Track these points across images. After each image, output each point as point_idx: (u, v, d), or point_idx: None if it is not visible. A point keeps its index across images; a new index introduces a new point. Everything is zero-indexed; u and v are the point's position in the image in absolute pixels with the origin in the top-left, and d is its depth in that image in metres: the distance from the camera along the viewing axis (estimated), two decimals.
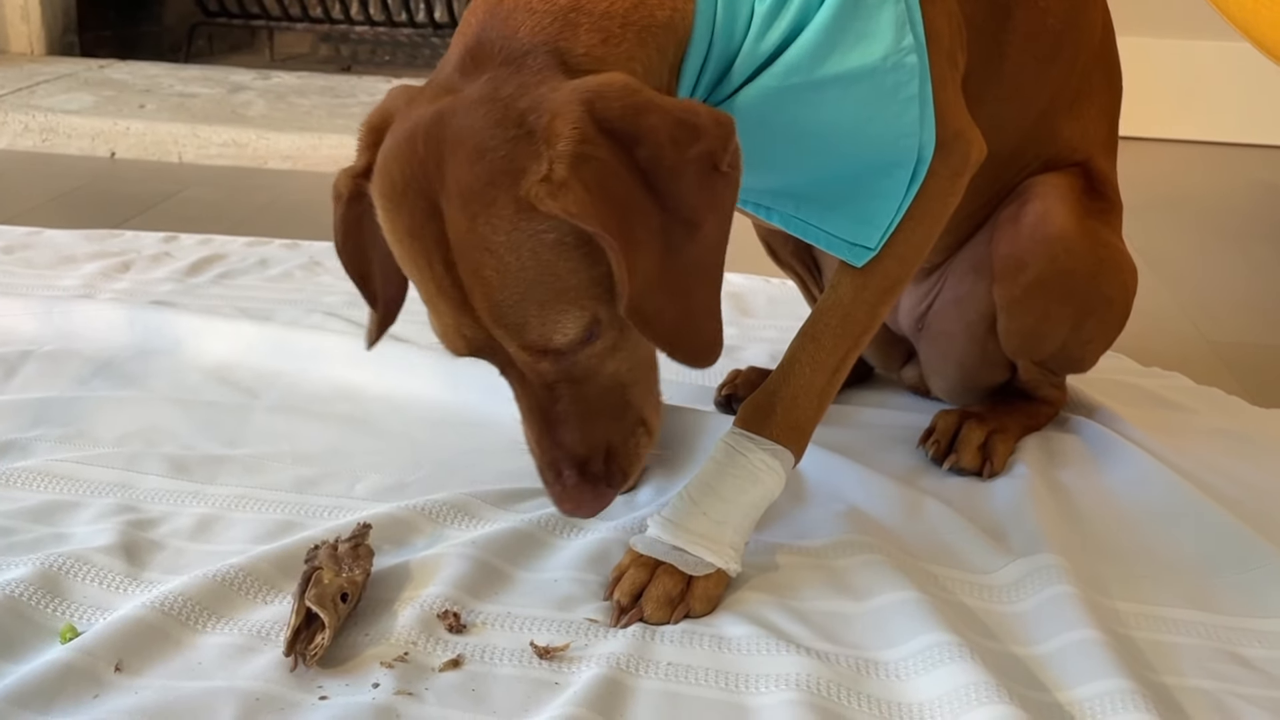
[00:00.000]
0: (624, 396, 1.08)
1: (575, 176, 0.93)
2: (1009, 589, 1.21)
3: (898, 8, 1.12)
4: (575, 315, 0.99)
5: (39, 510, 1.29)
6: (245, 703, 1.01)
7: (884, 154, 1.16)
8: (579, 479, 1.06)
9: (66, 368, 1.66)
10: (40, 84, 3.41)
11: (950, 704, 1.02)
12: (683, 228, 1.00)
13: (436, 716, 1.01)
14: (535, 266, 0.96)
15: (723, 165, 1.00)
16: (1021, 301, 1.41)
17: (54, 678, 1.01)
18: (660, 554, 1.17)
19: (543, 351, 1.01)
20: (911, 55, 1.12)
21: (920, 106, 1.14)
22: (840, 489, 1.39)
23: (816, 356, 1.22)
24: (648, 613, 1.15)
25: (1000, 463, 1.45)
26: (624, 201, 0.96)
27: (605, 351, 1.05)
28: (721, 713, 1.03)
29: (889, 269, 1.21)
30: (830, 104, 1.12)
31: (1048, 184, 1.41)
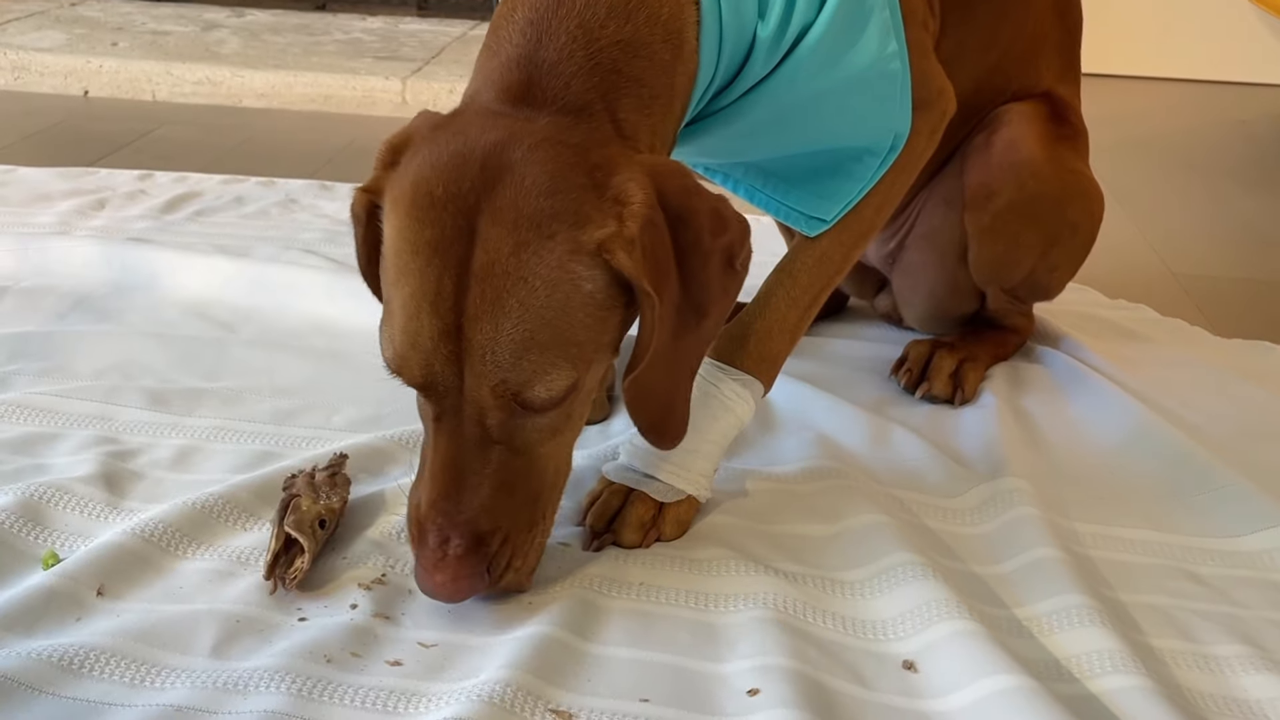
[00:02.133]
0: (541, 487, 1.05)
1: (642, 239, 0.96)
2: (972, 512, 1.25)
3: (883, 15, 1.15)
4: (566, 372, 0.98)
5: (18, 442, 1.30)
6: (226, 624, 1.03)
7: (860, 143, 1.21)
8: (465, 553, 1.01)
9: (44, 303, 1.67)
10: (10, 21, 3.38)
11: (911, 620, 1.06)
12: (694, 313, 1.04)
13: (412, 638, 1.03)
14: (559, 310, 0.96)
15: (737, 263, 1.05)
16: (991, 228, 1.44)
17: (37, 601, 1.03)
18: (632, 481, 1.19)
19: (512, 399, 0.98)
20: (895, 62, 1.17)
21: (899, 105, 1.19)
22: (810, 417, 1.41)
23: (792, 293, 1.25)
24: (620, 537, 1.17)
25: (971, 390, 1.48)
26: (666, 274, 1.00)
27: (553, 429, 1.03)
28: (691, 630, 1.06)
29: (865, 215, 1.25)
30: (819, 108, 1.17)
31: (1015, 112, 1.44)
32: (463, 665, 1.00)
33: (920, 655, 1.03)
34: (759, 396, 1.24)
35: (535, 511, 1.05)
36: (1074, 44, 1.53)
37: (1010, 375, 1.54)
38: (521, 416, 1.00)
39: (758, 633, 1.04)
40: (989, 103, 1.47)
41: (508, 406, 0.99)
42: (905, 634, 1.05)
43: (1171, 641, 1.07)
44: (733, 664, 1.01)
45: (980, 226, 1.45)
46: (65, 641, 0.99)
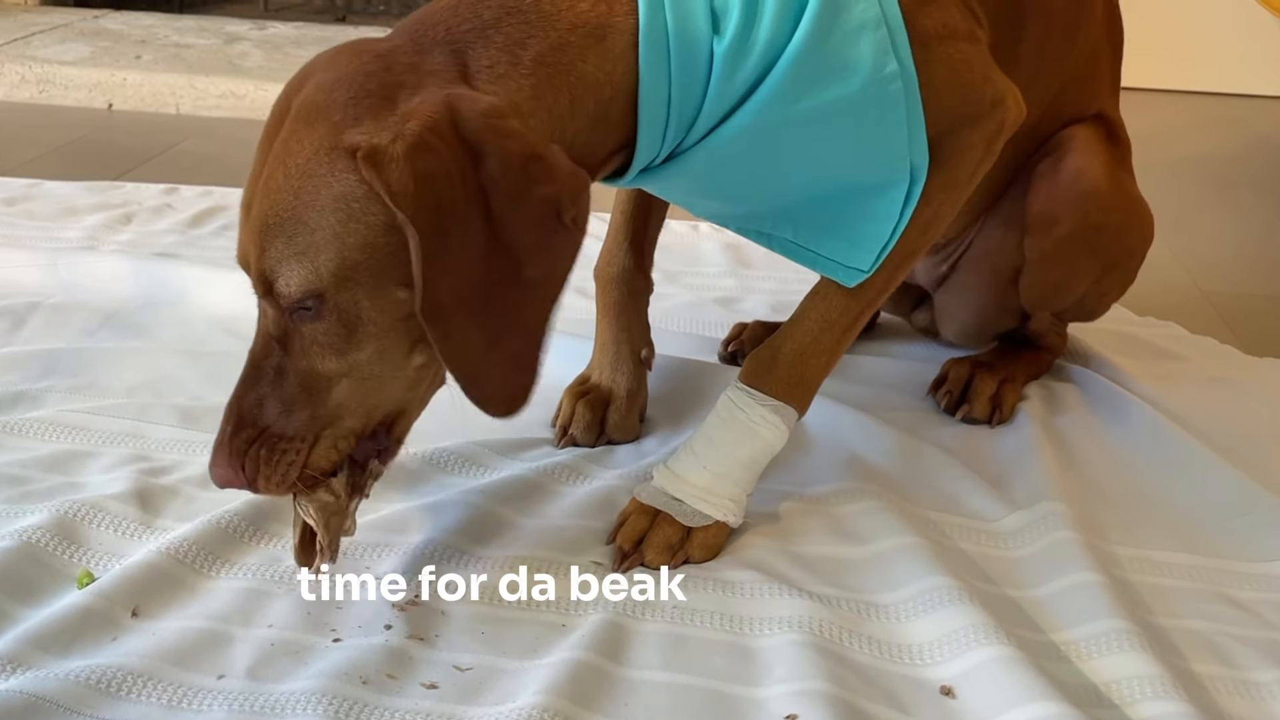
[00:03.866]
0: (312, 405, 1.04)
1: (409, 160, 0.94)
2: (1010, 535, 1.24)
3: (878, 34, 1.10)
4: (306, 273, 0.98)
5: (52, 460, 1.31)
6: (261, 646, 1.03)
7: (876, 176, 1.16)
8: (226, 438, 1.03)
9: (74, 319, 1.67)
10: (35, 34, 3.40)
11: (949, 644, 1.05)
12: (510, 263, 1.00)
13: (447, 660, 1.03)
14: (304, 203, 0.98)
15: (566, 218, 1.01)
16: (1052, 256, 1.44)
17: (73, 621, 1.03)
18: (660, 504, 1.19)
19: (267, 289, 1.01)
20: (896, 83, 1.11)
21: (910, 129, 1.14)
22: (842, 437, 1.41)
23: (827, 315, 1.22)
24: (648, 558, 1.17)
25: (1009, 411, 1.48)
26: (448, 206, 0.96)
27: (330, 344, 1.02)
28: (726, 654, 1.05)
29: (910, 237, 1.20)
30: (814, 135, 1.12)
31: (1079, 138, 1.43)
32: (498, 689, 1.00)
33: (959, 681, 1.02)
34: (791, 421, 1.23)
35: (297, 425, 1.03)
36: (1118, 58, 1.52)
37: (1043, 394, 1.54)
38: (295, 320, 1.01)
39: (793, 657, 1.03)
40: (1053, 124, 1.45)
41: (268, 296, 1.01)
42: (943, 659, 1.05)
43: (1211, 667, 1.06)
44: (769, 688, 1.01)
45: (1040, 253, 1.44)
46: (102, 663, 0.99)
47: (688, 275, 1.98)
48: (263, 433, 1.03)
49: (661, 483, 1.20)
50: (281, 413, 1.03)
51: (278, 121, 1.02)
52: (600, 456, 1.37)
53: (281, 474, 1.04)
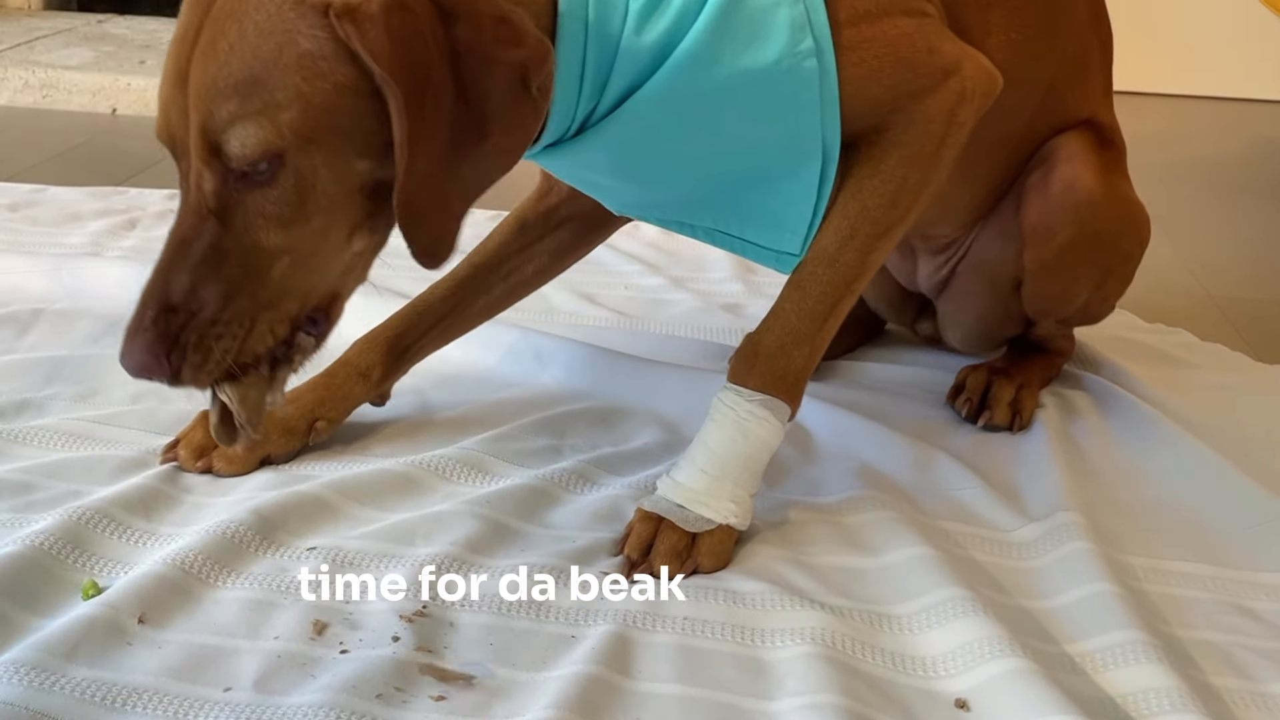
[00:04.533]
0: (250, 283, 0.99)
1: (385, 19, 0.93)
2: (1023, 545, 1.23)
3: (794, 9, 1.09)
4: (265, 130, 0.95)
5: (56, 467, 1.29)
6: (267, 659, 1.02)
7: (787, 156, 1.15)
8: (148, 324, 0.97)
9: (78, 326, 1.66)
10: (39, 39, 3.39)
11: (962, 656, 1.04)
12: (474, 129, 0.99)
13: (455, 673, 1.02)
14: (267, 60, 0.94)
15: (532, 86, 0.99)
16: (1051, 266, 1.43)
17: (79, 631, 1.02)
18: (663, 511, 1.18)
19: (213, 152, 0.96)
20: (810, 60, 1.10)
21: (823, 108, 1.12)
22: (853, 446, 1.40)
23: (802, 305, 1.19)
24: (656, 566, 1.15)
25: (1028, 417, 1.47)
26: (424, 68, 0.95)
27: (278, 215, 0.98)
28: (738, 666, 1.04)
29: (875, 215, 1.17)
30: (727, 107, 1.11)
31: (1069, 147, 1.42)
32: (507, 703, 0.99)
33: (973, 694, 1.01)
34: (784, 416, 1.20)
35: (232, 308, 0.99)
36: (1108, 61, 1.52)
37: (1054, 402, 1.53)
38: (239, 190, 0.97)
39: (806, 669, 1.02)
40: (1046, 128, 1.44)
41: (214, 164, 0.96)
42: (956, 671, 1.04)
43: (1228, 679, 1.05)
44: (782, 701, 1.00)
45: (1039, 265, 1.43)
46: (107, 676, 0.98)
47: (695, 281, 1.97)
48: (192, 318, 0.98)
49: (664, 491, 1.19)
50: (217, 296, 0.98)
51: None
52: (609, 464, 1.35)
53: (215, 363, 0.99)
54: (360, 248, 1.05)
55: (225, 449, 1.26)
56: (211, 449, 1.29)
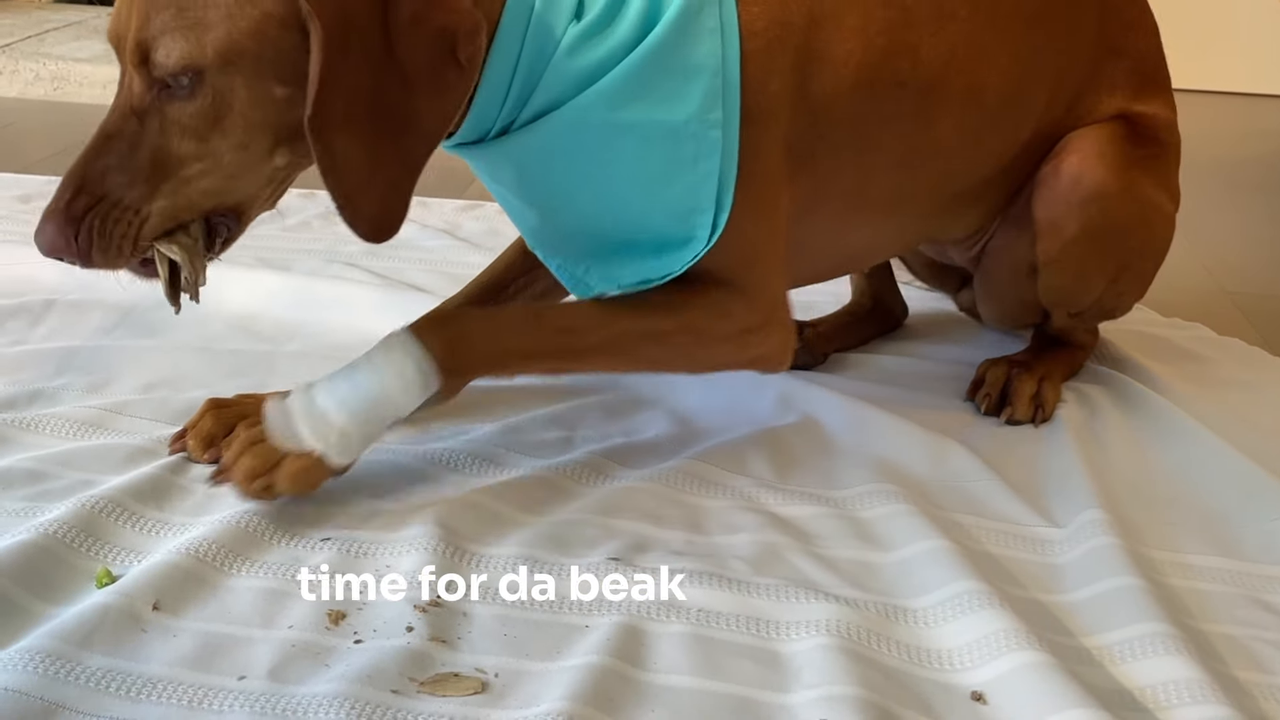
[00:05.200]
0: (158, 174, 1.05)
1: None
2: (1043, 540, 1.22)
3: (713, 81, 1.12)
4: (190, 46, 1.02)
5: (68, 456, 1.29)
6: (281, 648, 1.02)
7: (675, 227, 1.17)
8: (62, 205, 1.04)
9: (90, 317, 1.66)
10: (49, 31, 3.39)
11: (979, 649, 1.03)
12: (399, 85, 1.03)
13: (470, 663, 1.01)
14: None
15: (461, 55, 1.04)
16: (1059, 260, 1.43)
17: (94, 619, 1.01)
18: (270, 412, 1.15)
19: (142, 58, 1.03)
20: (715, 130, 1.13)
21: (720, 189, 1.14)
22: (869, 439, 1.39)
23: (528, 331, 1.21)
24: (233, 475, 1.15)
25: (1050, 410, 1.46)
26: (352, 13, 1.01)
27: (193, 128, 1.04)
28: (753, 658, 1.04)
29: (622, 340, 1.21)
30: (629, 152, 1.14)
31: (1083, 140, 1.41)
32: (520, 693, 0.98)
33: (990, 686, 1.00)
34: (426, 391, 1.16)
35: (132, 195, 1.05)
36: (1152, 58, 1.49)
37: (1073, 396, 1.51)
38: (161, 98, 1.04)
39: (823, 661, 1.01)
40: (1059, 130, 1.43)
41: (142, 71, 1.03)
42: (973, 664, 1.03)
43: (1251, 673, 1.04)
44: (799, 694, 0.99)
45: (1049, 257, 1.43)
46: (122, 666, 0.98)
47: None
48: (100, 200, 1.04)
49: (292, 397, 1.16)
50: (124, 183, 1.05)
51: None
52: (620, 455, 1.35)
53: (116, 245, 1.06)
54: (280, 164, 1.10)
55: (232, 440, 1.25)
56: (220, 439, 1.29)
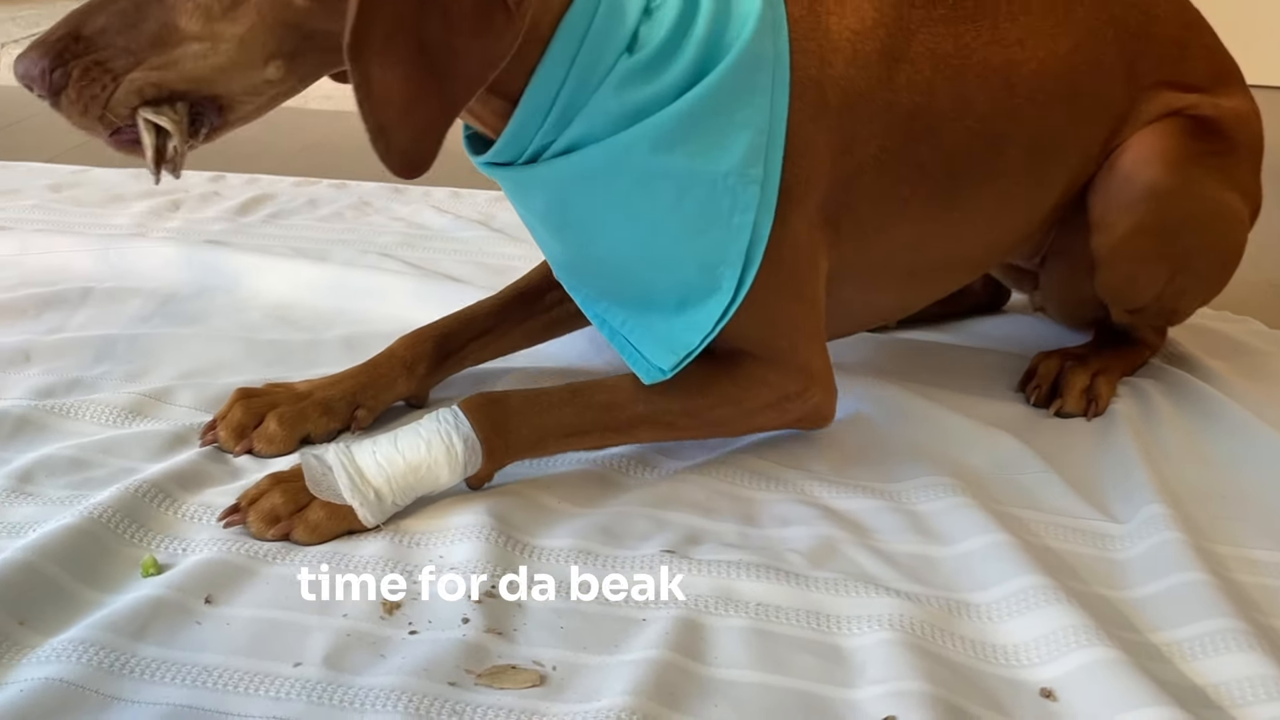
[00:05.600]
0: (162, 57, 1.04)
1: None
2: (1108, 537, 1.20)
3: (758, 137, 1.13)
4: None
5: (110, 443, 1.28)
6: (337, 636, 1.00)
7: (703, 277, 1.17)
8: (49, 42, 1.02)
9: (127, 305, 1.65)
10: None
11: (1046, 645, 1.01)
12: (442, 21, 1.01)
13: (527, 655, 1.00)
14: None
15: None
16: (1114, 255, 1.40)
17: (146, 609, 1.00)
18: (308, 464, 1.13)
19: None
20: (754, 186, 1.13)
21: (750, 246, 1.15)
22: (926, 431, 1.36)
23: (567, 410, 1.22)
24: (248, 516, 1.12)
25: (1104, 405, 1.44)
26: None
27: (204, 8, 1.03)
28: (814, 652, 1.02)
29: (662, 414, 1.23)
30: (665, 198, 1.14)
31: (1142, 137, 1.39)
32: (580, 686, 0.97)
33: (1059, 683, 0.98)
34: (470, 468, 1.18)
35: (121, 61, 1.03)
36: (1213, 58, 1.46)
37: (1127, 391, 1.49)
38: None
39: (887, 656, 1.00)
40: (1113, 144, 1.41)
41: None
42: (1040, 660, 1.01)
43: None
44: (864, 689, 0.97)
45: (1103, 252, 1.41)
46: (177, 656, 0.96)
47: None
48: (88, 51, 1.02)
49: (330, 451, 1.15)
50: (118, 45, 1.03)
51: None
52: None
53: (85, 101, 1.03)
54: (273, 77, 1.08)
55: (265, 430, 1.27)
56: (251, 429, 1.28)
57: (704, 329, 1.18)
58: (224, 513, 1.14)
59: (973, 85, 1.28)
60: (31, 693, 0.90)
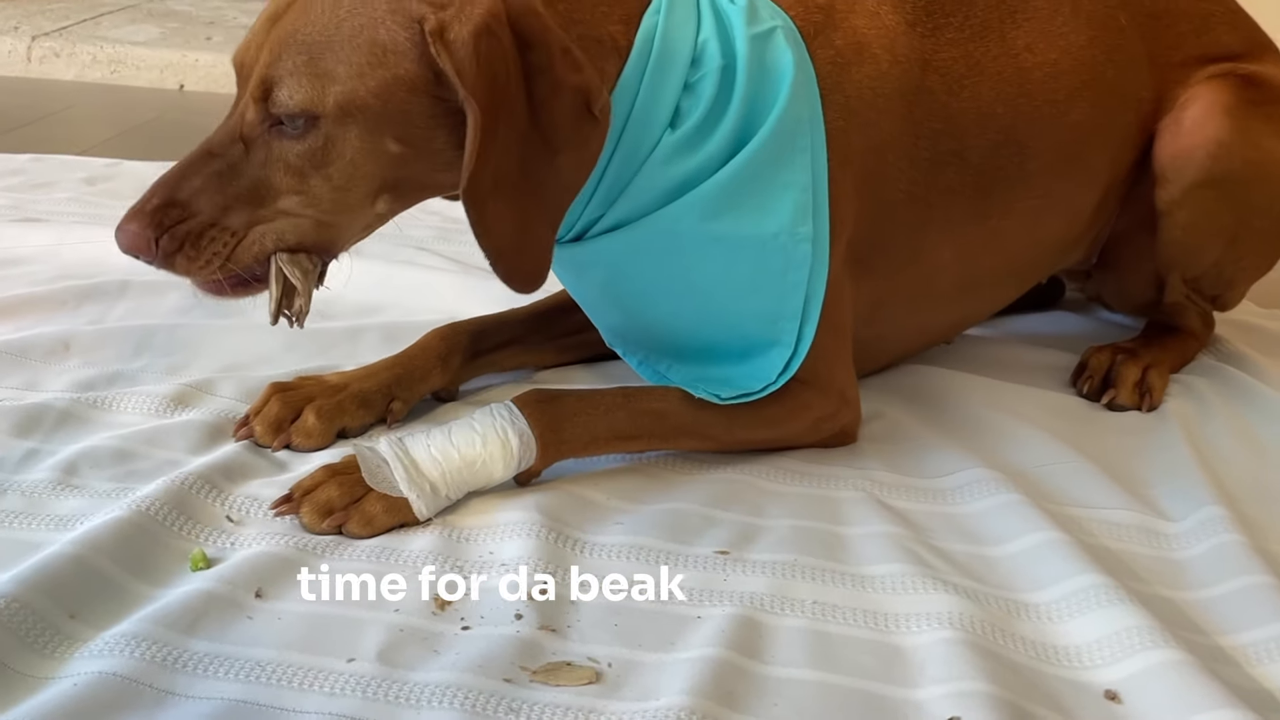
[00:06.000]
0: (252, 205, 1.08)
1: (474, 44, 1.01)
2: (1166, 536, 1.18)
3: (802, 196, 1.15)
4: (312, 93, 1.04)
5: (154, 435, 1.27)
6: (390, 631, 0.99)
7: (763, 331, 1.20)
8: (150, 208, 1.07)
9: (166, 297, 1.63)
10: (104, 15, 3.38)
11: (1109, 646, 1.00)
12: (544, 147, 1.06)
13: (581, 652, 0.98)
14: (344, 37, 1.04)
15: (595, 108, 1.07)
16: (1179, 204, 1.41)
17: (198, 604, 0.99)
18: (364, 457, 1.13)
19: (264, 93, 1.05)
20: (805, 244, 1.16)
21: (807, 300, 1.18)
22: (974, 427, 1.35)
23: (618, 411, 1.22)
24: (303, 512, 1.11)
25: (1158, 397, 1.43)
26: (501, 90, 1.03)
27: (298, 167, 1.07)
28: (873, 652, 1.00)
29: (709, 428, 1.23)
30: (718, 262, 1.17)
31: (1205, 91, 1.41)
32: (637, 685, 0.95)
33: (1124, 685, 0.96)
34: (524, 463, 1.17)
35: (230, 218, 1.07)
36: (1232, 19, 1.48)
37: (1178, 389, 1.48)
38: (276, 135, 1.07)
39: (948, 655, 0.98)
40: None
41: (261, 103, 1.06)
42: (1103, 662, 0.99)
43: None
44: (926, 689, 0.95)
45: (1168, 202, 1.41)
46: (229, 651, 0.95)
47: None
48: (188, 219, 1.07)
49: (384, 444, 1.15)
50: (217, 206, 1.07)
51: None
52: None
53: (206, 258, 1.08)
54: (383, 210, 1.14)
55: (303, 424, 1.27)
56: (288, 424, 1.27)
57: (766, 378, 1.20)
58: (276, 502, 1.13)
59: (990, 99, 1.31)
60: (86, 686, 0.89)
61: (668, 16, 1.15)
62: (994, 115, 1.31)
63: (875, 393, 1.42)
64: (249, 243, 1.09)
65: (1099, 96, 1.37)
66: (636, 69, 1.13)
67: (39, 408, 1.30)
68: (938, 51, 1.29)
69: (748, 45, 1.15)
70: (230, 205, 1.08)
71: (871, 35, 1.25)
